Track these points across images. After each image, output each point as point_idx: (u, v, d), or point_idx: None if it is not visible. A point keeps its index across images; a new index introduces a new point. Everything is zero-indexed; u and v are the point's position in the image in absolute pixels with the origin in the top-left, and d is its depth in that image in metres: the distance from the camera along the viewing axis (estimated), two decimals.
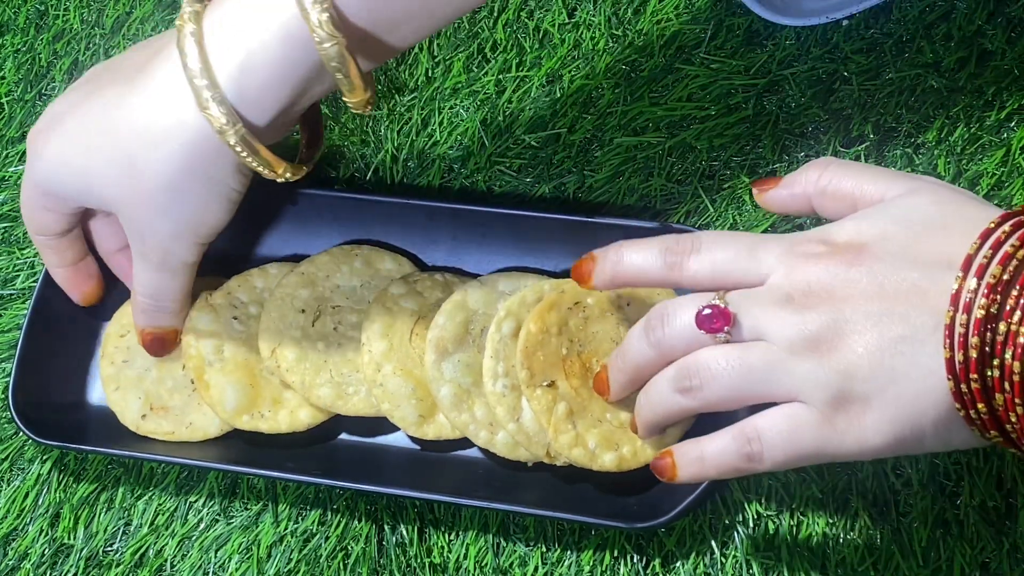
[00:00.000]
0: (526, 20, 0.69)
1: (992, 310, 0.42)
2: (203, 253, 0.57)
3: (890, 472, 0.57)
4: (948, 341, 0.42)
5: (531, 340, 0.56)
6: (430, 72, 0.69)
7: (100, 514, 0.63)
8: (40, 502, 0.64)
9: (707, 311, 0.47)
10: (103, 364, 0.62)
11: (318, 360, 0.60)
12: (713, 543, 0.57)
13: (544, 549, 0.59)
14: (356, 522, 0.60)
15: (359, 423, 0.61)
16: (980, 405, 0.42)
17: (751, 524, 0.57)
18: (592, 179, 0.65)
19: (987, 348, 0.42)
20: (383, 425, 0.60)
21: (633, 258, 0.51)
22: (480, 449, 0.58)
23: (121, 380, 0.62)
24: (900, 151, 0.63)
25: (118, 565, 0.62)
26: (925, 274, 0.44)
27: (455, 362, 0.58)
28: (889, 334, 0.44)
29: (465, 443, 0.59)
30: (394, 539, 0.60)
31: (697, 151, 0.64)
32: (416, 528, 0.60)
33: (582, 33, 0.68)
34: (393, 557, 0.59)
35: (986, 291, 0.42)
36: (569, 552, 0.58)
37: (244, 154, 0.52)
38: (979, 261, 0.42)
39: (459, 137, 0.67)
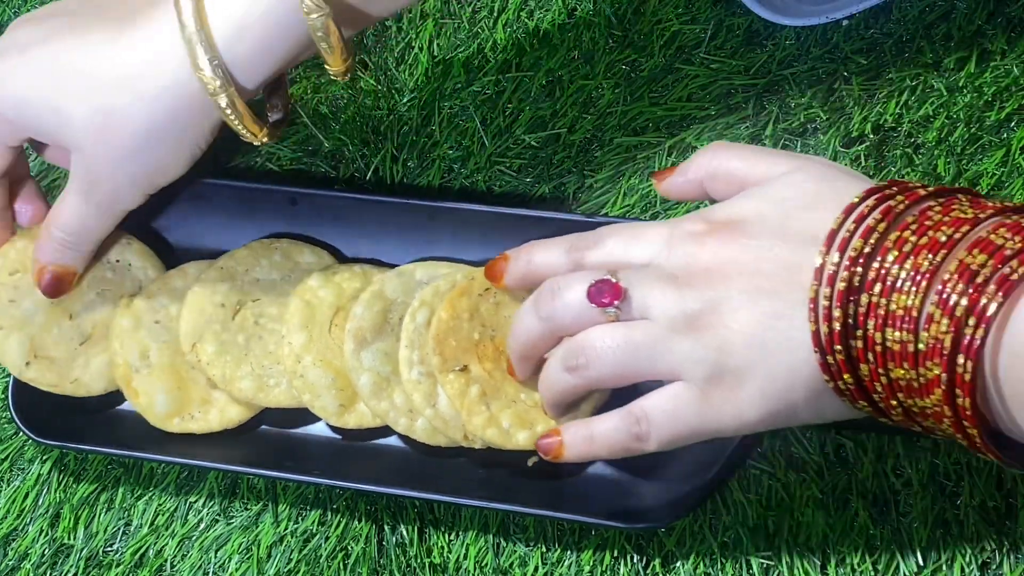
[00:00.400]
0: (526, 20, 0.69)
1: (854, 282, 0.43)
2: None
3: (890, 472, 0.57)
4: (813, 315, 0.44)
5: (443, 327, 0.57)
6: (430, 72, 0.69)
7: (100, 514, 0.63)
8: (40, 502, 0.64)
9: (599, 285, 0.49)
10: None
11: (239, 353, 0.60)
12: (713, 543, 0.57)
13: (544, 549, 0.59)
14: (356, 522, 0.60)
15: (288, 415, 0.61)
16: (846, 376, 0.44)
17: (751, 524, 0.57)
18: (592, 179, 0.65)
19: (850, 320, 0.43)
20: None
21: (541, 257, 0.54)
22: (400, 436, 0.59)
23: (4, 319, 0.61)
24: (900, 151, 0.63)
25: (118, 565, 0.62)
26: (795, 250, 0.45)
27: (374, 351, 0.58)
28: (762, 310, 0.45)
29: (387, 431, 0.60)
30: (394, 539, 0.60)
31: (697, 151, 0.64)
32: (416, 528, 0.60)
33: (582, 33, 0.68)
34: (393, 557, 0.59)
35: (848, 264, 0.43)
36: (569, 552, 0.58)
37: (231, 116, 0.53)
38: (842, 235, 0.44)
39: (459, 137, 0.67)
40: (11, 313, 0.61)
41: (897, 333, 0.42)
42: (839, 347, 0.44)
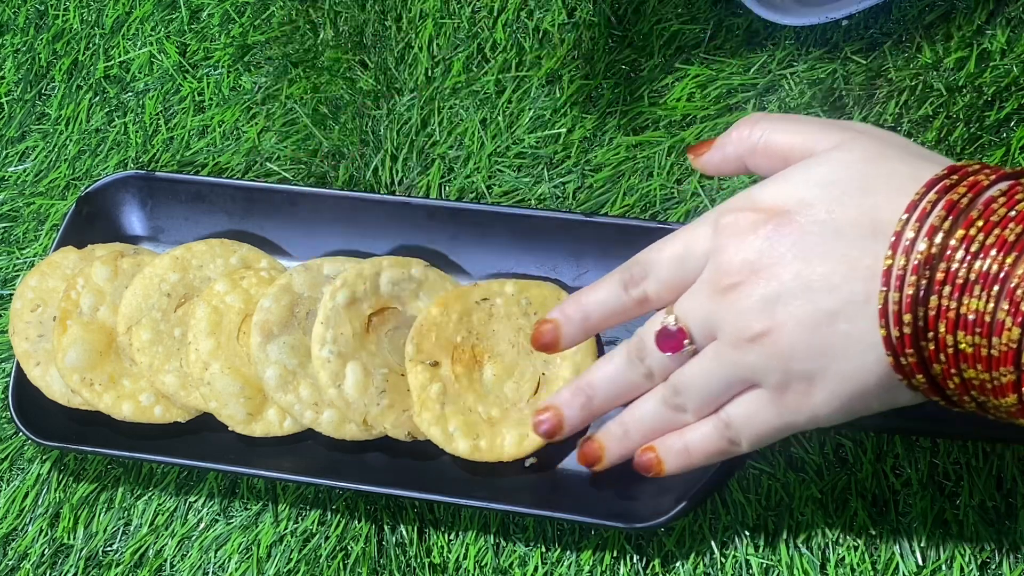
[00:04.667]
0: (526, 20, 0.69)
1: (922, 285, 0.42)
2: None
3: (890, 472, 0.57)
4: (883, 320, 0.43)
5: (429, 320, 0.58)
6: (430, 72, 0.69)
7: (100, 514, 0.63)
8: (40, 502, 0.64)
9: (662, 336, 0.50)
10: (15, 341, 0.62)
11: (172, 346, 0.60)
12: (713, 543, 0.57)
13: (544, 549, 0.59)
14: (356, 522, 0.60)
15: None
16: (919, 376, 0.44)
17: (751, 524, 0.57)
18: (592, 179, 0.65)
19: (920, 323, 0.42)
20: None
21: (597, 304, 0.52)
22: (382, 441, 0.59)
23: (40, 356, 0.62)
24: None
25: (118, 565, 0.62)
26: (851, 243, 0.44)
27: (280, 344, 0.59)
28: (821, 308, 0.45)
29: (303, 436, 0.60)
30: (394, 539, 0.60)
31: None
32: (416, 528, 0.60)
33: (582, 33, 0.68)
34: (393, 557, 0.59)
35: (915, 268, 0.42)
36: (569, 552, 0.58)
37: None
38: (907, 237, 0.43)
39: (459, 137, 0.67)
40: (44, 347, 0.62)
41: (969, 337, 0.41)
42: (911, 351, 0.43)
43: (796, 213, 0.45)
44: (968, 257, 0.41)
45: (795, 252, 0.45)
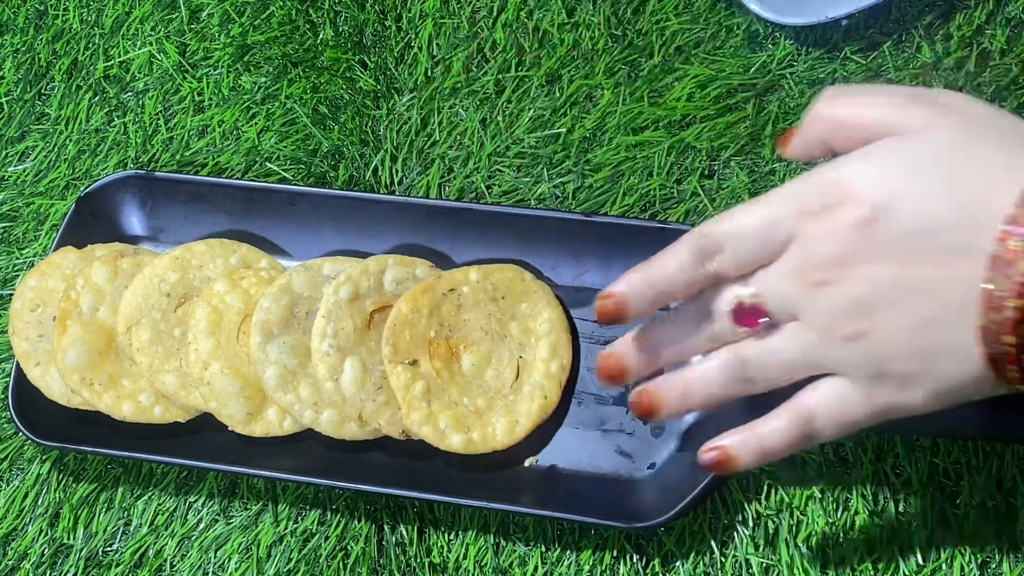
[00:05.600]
0: (526, 20, 0.69)
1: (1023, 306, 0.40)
2: None
3: (890, 472, 0.57)
4: (984, 337, 0.41)
5: (400, 319, 0.58)
6: (429, 72, 0.69)
7: (100, 514, 0.63)
8: (40, 502, 0.64)
9: (742, 312, 0.47)
10: (15, 341, 0.62)
11: (172, 346, 0.61)
12: (713, 543, 0.57)
13: (544, 549, 0.59)
14: (356, 522, 0.60)
15: None
16: (1020, 386, 0.42)
17: (751, 524, 0.57)
18: (592, 179, 0.65)
19: (1023, 341, 0.41)
20: None
21: (669, 271, 0.49)
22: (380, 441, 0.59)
23: (40, 356, 0.62)
24: None
25: (118, 565, 0.61)
26: (947, 245, 0.42)
27: (280, 344, 0.59)
28: (918, 313, 0.43)
29: (303, 436, 0.60)
30: (394, 539, 0.60)
31: (697, 151, 0.64)
32: (416, 528, 0.60)
33: (582, 33, 0.68)
34: (393, 557, 0.59)
35: (1013, 291, 0.40)
36: (569, 552, 0.58)
37: None
38: (1005, 257, 0.40)
39: (459, 137, 0.67)
40: (44, 347, 0.62)
41: None
42: (1012, 366, 0.41)
43: (888, 206, 0.43)
44: None
45: (890, 251, 0.43)
